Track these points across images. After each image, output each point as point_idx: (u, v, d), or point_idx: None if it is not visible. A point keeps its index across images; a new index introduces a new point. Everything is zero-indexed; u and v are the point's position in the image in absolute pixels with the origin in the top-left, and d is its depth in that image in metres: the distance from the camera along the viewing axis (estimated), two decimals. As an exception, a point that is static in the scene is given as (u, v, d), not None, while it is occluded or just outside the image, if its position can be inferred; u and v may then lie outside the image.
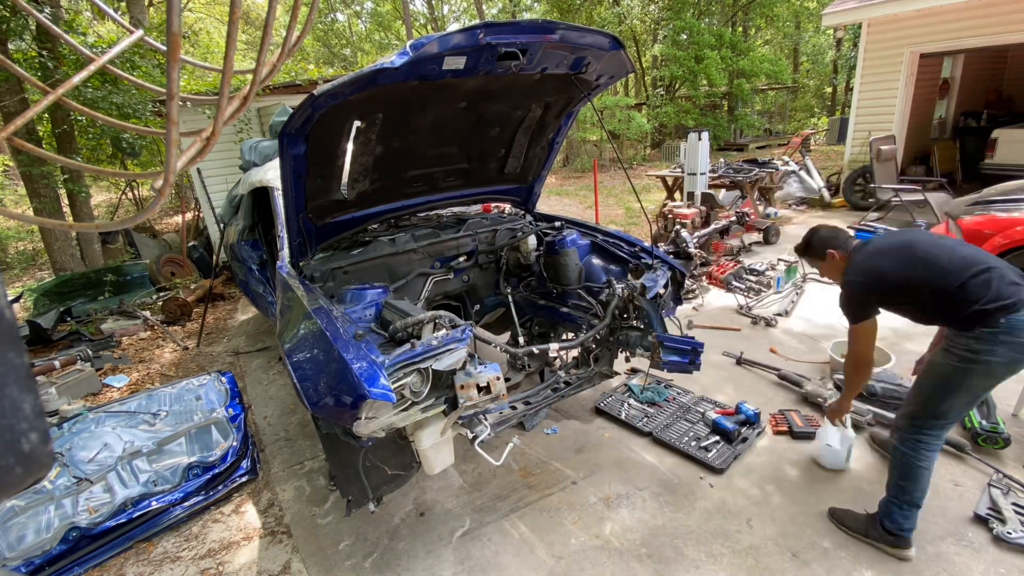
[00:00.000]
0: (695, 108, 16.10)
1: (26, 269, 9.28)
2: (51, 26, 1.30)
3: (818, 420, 3.10)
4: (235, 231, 4.55)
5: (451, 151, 3.13)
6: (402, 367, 2.01)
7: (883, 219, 6.87)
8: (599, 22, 16.56)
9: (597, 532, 2.49)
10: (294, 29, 0.99)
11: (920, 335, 4.06)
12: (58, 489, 2.64)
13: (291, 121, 2.19)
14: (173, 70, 0.69)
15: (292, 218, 2.66)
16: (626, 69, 2.85)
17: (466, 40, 2.13)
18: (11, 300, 1.62)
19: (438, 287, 3.39)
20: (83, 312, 5.87)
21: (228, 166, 7.11)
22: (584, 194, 11.29)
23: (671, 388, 3.56)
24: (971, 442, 2.76)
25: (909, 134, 8.17)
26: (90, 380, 4.26)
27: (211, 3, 19.32)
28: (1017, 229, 3.73)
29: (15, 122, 0.77)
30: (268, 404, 3.95)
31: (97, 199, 12.93)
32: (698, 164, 6.61)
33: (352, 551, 2.51)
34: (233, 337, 5.35)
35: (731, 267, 5.37)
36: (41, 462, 0.44)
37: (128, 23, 6.07)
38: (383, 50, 24.34)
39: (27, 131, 6.10)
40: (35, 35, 5.73)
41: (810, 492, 2.63)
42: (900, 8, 7.17)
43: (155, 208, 0.83)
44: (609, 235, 3.42)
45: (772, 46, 22.71)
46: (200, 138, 0.86)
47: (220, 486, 2.94)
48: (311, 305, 2.28)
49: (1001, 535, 2.24)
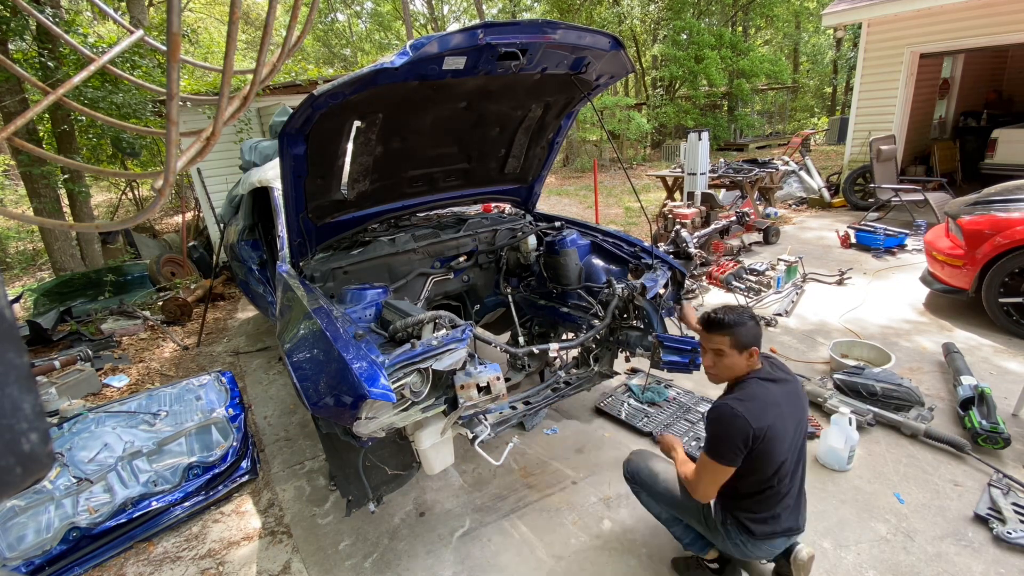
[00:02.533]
0: (695, 108, 16.10)
1: (26, 269, 9.28)
2: (51, 26, 1.31)
3: (818, 420, 3.10)
4: (235, 231, 4.54)
5: (451, 151, 3.13)
6: (402, 367, 2.01)
7: (883, 219, 6.87)
8: (599, 22, 16.56)
9: (597, 532, 2.49)
10: (294, 29, 0.99)
11: (920, 334, 4.06)
12: (58, 489, 2.64)
13: (291, 121, 2.19)
14: (173, 70, 0.69)
15: (292, 218, 2.66)
16: (626, 69, 2.85)
17: (466, 40, 2.13)
18: (11, 300, 1.62)
19: (438, 287, 3.39)
20: (83, 312, 5.86)
21: (228, 166, 7.11)
22: (584, 194, 11.29)
23: (671, 388, 3.56)
24: (971, 442, 2.76)
25: (909, 134, 8.17)
26: (90, 380, 4.25)
27: (211, 3, 19.32)
28: (1017, 229, 3.74)
29: (15, 122, 0.77)
30: (268, 404, 3.95)
31: (97, 199, 12.93)
32: (698, 164, 6.61)
33: (352, 551, 2.51)
34: (233, 337, 5.35)
35: (731, 267, 5.37)
36: (41, 462, 0.44)
37: (128, 23, 6.07)
38: (383, 50, 24.33)
39: (27, 131, 6.10)
40: (35, 35, 5.73)
41: (810, 492, 2.61)
42: (900, 8, 7.17)
43: (155, 208, 0.83)
44: (609, 235, 3.41)
45: (772, 46, 22.71)
46: (200, 138, 0.86)
47: (220, 486, 2.94)
48: (311, 305, 2.28)
49: (1001, 535, 2.24)
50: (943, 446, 2.81)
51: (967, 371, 3.22)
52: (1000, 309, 3.92)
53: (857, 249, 6.17)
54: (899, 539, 2.31)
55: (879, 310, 4.55)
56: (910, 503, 2.50)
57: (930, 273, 4.43)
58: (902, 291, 4.90)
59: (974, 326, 4.09)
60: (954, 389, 3.14)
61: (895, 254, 5.93)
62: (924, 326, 4.22)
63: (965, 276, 4.02)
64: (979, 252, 3.90)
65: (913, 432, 2.89)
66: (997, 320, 3.97)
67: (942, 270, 4.23)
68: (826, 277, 5.33)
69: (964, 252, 4.01)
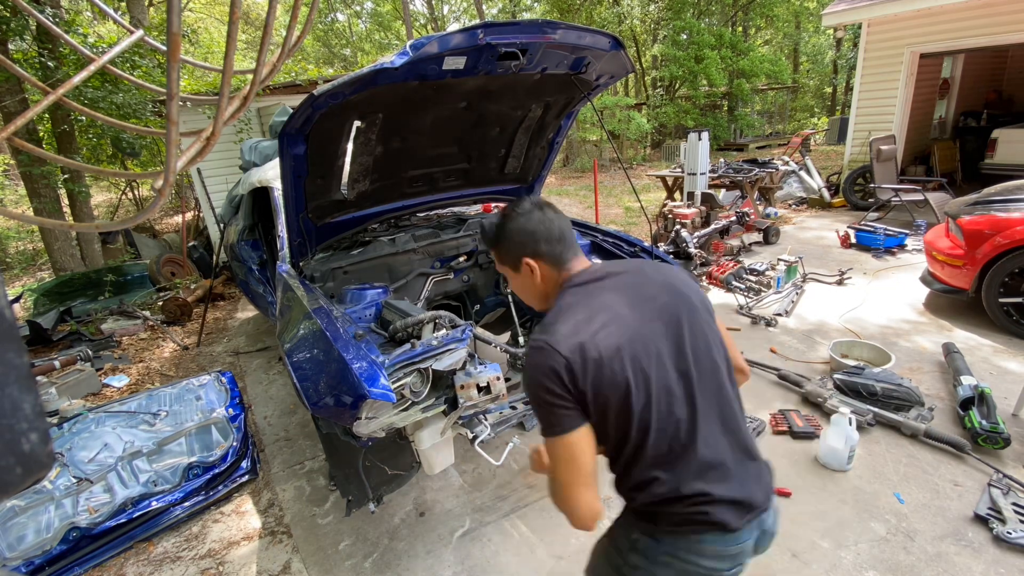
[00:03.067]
0: (695, 108, 16.10)
1: (26, 269, 9.28)
2: (51, 26, 1.30)
3: (818, 420, 3.10)
4: (235, 231, 4.55)
5: (451, 151, 3.13)
6: (402, 367, 2.01)
7: (883, 219, 6.87)
8: (599, 22, 16.55)
9: (597, 532, 2.48)
10: (294, 29, 0.99)
11: (920, 334, 4.06)
12: (58, 489, 2.64)
13: (291, 121, 2.19)
14: (173, 70, 0.69)
15: (292, 218, 2.66)
16: (626, 69, 2.85)
17: (466, 40, 2.13)
18: (11, 300, 1.62)
19: (438, 287, 3.39)
20: (83, 312, 5.86)
21: (228, 166, 7.11)
22: (584, 194, 11.29)
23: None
24: (971, 442, 2.76)
25: (909, 134, 8.17)
26: (90, 380, 4.25)
27: (211, 3, 19.32)
28: (1017, 229, 3.73)
29: (15, 122, 0.77)
30: (268, 404, 3.95)
31: (97, 199, 12.92)
32: (698, 164, 6.61)
33: (352, 551, 2.51)
34: (233, 337, 5.35)
35: (731, 267, 5.37)
36: (41, 462, 0.44)
37: (128, 23, 6.07)
38: (383, 50, 24.33)
39: (27, 131, 6.10)
40: (35, 35, 5.73)
41: (810, 492, 2.63)
42: (900, 8, 7.17)
43: (155, 208, 0.83)
44: (609, 235, 3.41)
45: (772, 46, 22.71)
46: (200, 138, 0.86)
47: (220, 486, 2.94)
48: (311, 305, 2.28)
49: (1001, 535, 2.24)
50: (943, 446, 2.81)
51: (967, 371, 3.22)
52: (1000, 309, 3.92)
53: (857, 249, 6.17)
54: (899, 539, 2.31)
55: (879, 310, 4.55)
56: (910, 503, 2.50)
57: (930, 273, 4.43)
58: (902, 291, 4.90)
59: (974, 326, 4.09)
60: (954, 389, 3.14)
61: (895, 254, 5.93)
62: (924, 326, 4.22)
63: (965, 276, 4.02)
64: (979, 252, 3.90)
65: (913, 432, 2.89)
66: (997, 320, 3.97)
67: (942, 270, 4.23)
68: (826, 277, 5.33)
69: (964, 252, 4.01)
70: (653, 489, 1.11)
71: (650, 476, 1.11)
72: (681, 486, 1.09)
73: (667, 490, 1.10)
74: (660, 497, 1.11)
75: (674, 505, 1.11)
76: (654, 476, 1.10)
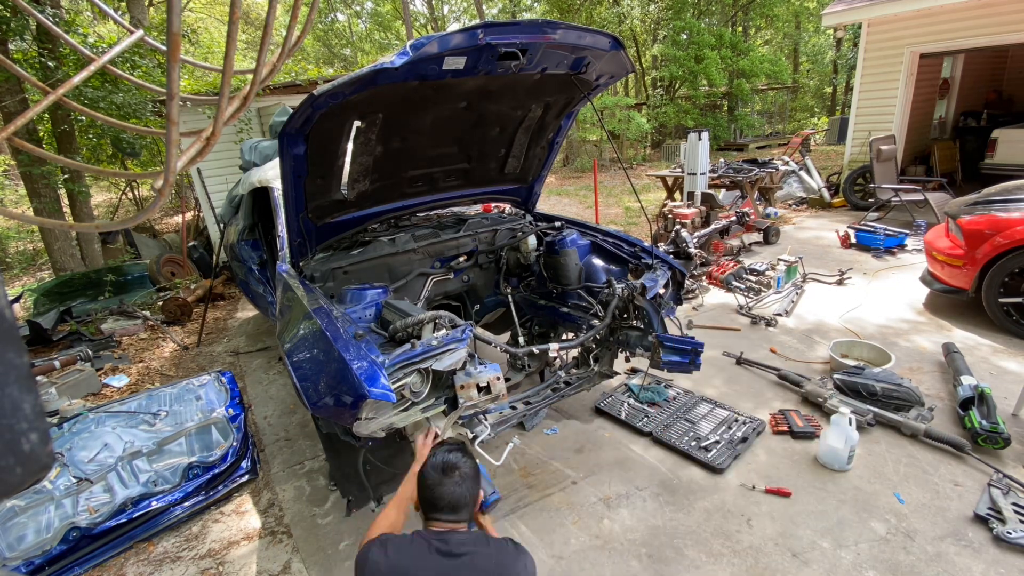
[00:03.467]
0: (695, 108, 16.10)
1: (26, 269, 9.28)
2: (51, 26, 1.31)
3: (818, 420, 3.10)
4: (235, 231, 4.55)
5: (451, 151, 3.13)
6: (402, 367, 2.01)
7: (883, 219, 6.87)
8: (599, 22, 16.56)
9: (597, 532, 2.49)
10: (294, 29, 0.99)
11: (920, 334, 4.06)
12: (58, 489, 2.64)
13: (291, 121, 2.19)
14: (173, 70, 0.69)
15: (292, 218, 2.66)
16: (626, 69, 2.85)
17: (466, 40, 2.13)
18: (11, 300, 1.62)
19: (438, 287, 3.39)
20: (83, 312, 5.86)
21: (228, 166, 7.11)
22: (584, 194, 11.29)
23: (671, 388, 3.56)
24: (971, 442, 2.76)
25: (909, 134, 8.17)
26: (90, 380, 4.25)
27: (211, 3, 19.32)
28: (1017, 229, 3.74)
29: (15, 122, 0.77)
30: (268, 404, 3.95)
31: (97, 199, 12.92)
32: (698, 164, 6.61)
33: (352, 551, 2.51)
34: (233, 337, 5.35)
35: (731, 267, 5.37)
36: (41, 462, 0.44)
37: (128, 23, 6.07)
38: (383, 50, 24.33)
39: (27, 131, 6.10)
40: (35, 35, 5.73)
41: (810, 492, 2.63)
42: (900, 8, 7.17)
43: (155, 208, 0.83)
44: (609, 235, 3.42)
45: (772, 46, 22.71)
46: (200, 138, 0.86)
47: (220, 486, 2.94)
48: (311, 305, 2.28)
49: (1001, 535, 2.24)
50: (943, 446, 2.81)
51: (967, 371, 3.22)
52: (1000, 309, 3.92)
53: (857, 249, 6.17)
54: (899, 539, 2.31)
55: (879, 310, 4.55)
56: (910, 503, 2.50)
57: (930, 273, 4.43)
58: (902, 291, 4.90)
59: (974, 326, 4.09)
60: (954, 389, 3.14)
61: (895, 254, 5.93)
62: (924, 326, 4.22)
63: (965, 276, 4.02)
64: (979, 252, 3.90)
65: (913, 432, 2.89)
66: (997, 320, 3.97)
67: (942, 270, 4.23)
68: (826, 277, 5.33)
69: (964, 252, 4.01)
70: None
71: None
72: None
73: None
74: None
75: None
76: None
